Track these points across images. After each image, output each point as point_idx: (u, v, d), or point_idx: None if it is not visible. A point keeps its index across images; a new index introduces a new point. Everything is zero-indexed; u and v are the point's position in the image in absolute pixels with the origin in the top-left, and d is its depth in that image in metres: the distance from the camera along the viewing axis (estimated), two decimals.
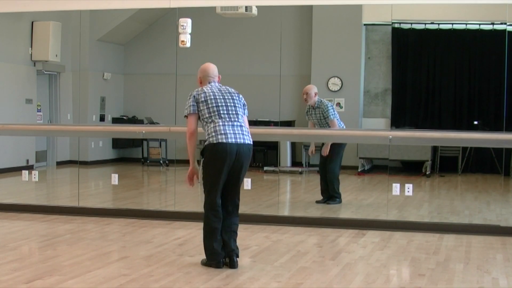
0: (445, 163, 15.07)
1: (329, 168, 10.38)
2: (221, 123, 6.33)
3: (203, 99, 6.40)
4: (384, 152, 13.46)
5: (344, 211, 10.08)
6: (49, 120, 15.37)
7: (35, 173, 10.80)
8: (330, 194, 10.40)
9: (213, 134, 6.31)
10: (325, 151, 10.31)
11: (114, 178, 10.91)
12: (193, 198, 11.33)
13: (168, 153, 16.15)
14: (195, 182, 6.57)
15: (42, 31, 14.58)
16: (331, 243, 7.77)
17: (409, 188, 9.43)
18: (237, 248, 6.44)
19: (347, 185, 13.64)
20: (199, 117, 6.46)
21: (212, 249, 6.31)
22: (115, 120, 16.78)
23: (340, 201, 10.42)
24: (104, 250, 7.14)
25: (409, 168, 14.97)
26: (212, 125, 6.35)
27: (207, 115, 6.38)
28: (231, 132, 6.33)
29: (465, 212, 10.25)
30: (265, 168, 14.81)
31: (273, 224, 8.78)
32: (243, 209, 9.52)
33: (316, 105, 10.32)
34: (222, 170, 6.29)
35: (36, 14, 14.39)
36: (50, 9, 10.65)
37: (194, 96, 6.44)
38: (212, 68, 6.65)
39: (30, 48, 14.68)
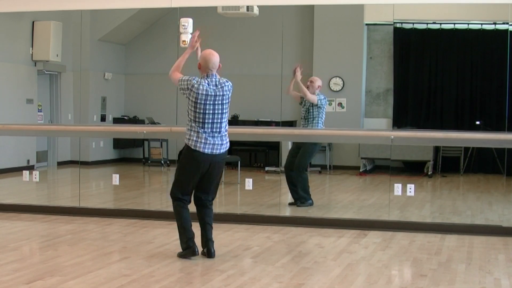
0: (447, 163, 15.05)
1: (296, 164, 10.03)
2: (203, 135, 6.59)
3: (195, 97, 6.53)
4: (386, 152, 13.45)
5: (345, 212, 10.05)
6: (50, 120, 15.36)
7: (36, 173, 10.78)
8: (299, 194, 10.06)
9: (194, 139, 6.59)
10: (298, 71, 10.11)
11: (115, 178, 10.89)
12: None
13: (169, 153, 16.14)
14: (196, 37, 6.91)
15: (43, 31, 14.58)
16: (333, 243, 7.75)
17: (411, 188, 9.40)
18: (211, 237, 6.78)
19: (349, 185, 13.64)
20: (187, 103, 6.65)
21: (185, 240, 6.67)
22: (116, 120, 16.77)
23: (311, 203, 10.09)
24: (105, 250, 7.12)
25: (411, 168, 14.96)
26: (194, 133, 6.60)
27: (192, 116, 6.61)
28: (211, 143, 6.60)
29: (467, 213, 10.23)
30: (267, 168, 14.80)
31: (274, 224, 8.76)
32: (244, 209, 9.55)
33: None
34: (194, 175, 6.66)
35: (37, 14, 14.38)
36: (51, 9, 10.62)
37: (190, 86, 6.55)
38: (214, 60, 6.66)
39: (31, 48, 14.67)
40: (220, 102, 6.61)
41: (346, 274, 6.25)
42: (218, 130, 6.64)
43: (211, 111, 6.56)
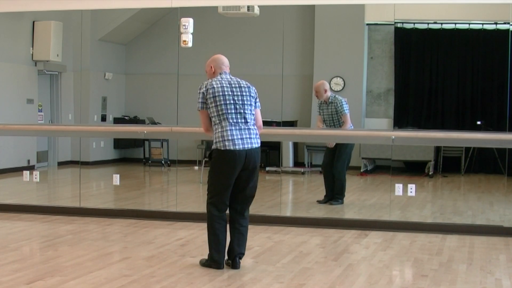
0: (448, 164, 15.04)
1: (336, 167, 10.31)
2: (228, 128, 6.19)
3: (211, 95, 6.24)
4: (386, 152, 13.44)
5: (346, 212, 10.05)
6: (50, 120, 15.35)
7: (36, 173, 10.77)
8: (335, 193, 10.31)
9: (221, 139, 6.19)
10: (331, 143, 10.27)
11: (116, 179, 10.88)
12: (195, 198, 11.33)
13: (170, 153, 16.13)
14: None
15: (43, 30, 14.57)
16: (334, 243, 7.74)
17: (411, 188, 9.38)
18: (243, 250, 6.38)
19: (350, 185, 13.58)
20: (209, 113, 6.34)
21: (213, 254, 6.29)
22: (117, 120, 16.76)
23: (342, 202, 10.37)
24: (106, 250, 7.11)
25: (411, 169, 14.94)
26: (219, 129, 6.22)
27: (215, 114, 6.25)
28: (239, 137, 6.20)
29: (468, 213, 10.22)
30: (267, 168, 14.77)
31: (275, 224, 8.76)
32: None
33: (329, 101, 10.30)
34: (230, 177, 6.22)
35: (37, 13, 14.38)
36: (51, 8, 10.61)
37: (203, 93, 6.27)
38: (224, 58, 6.52)
39: (31, 48, 14.66)
40: (238, 93, 6.32)
41: (347, 274, 6.24)
42: (244, 120, 6.25)
43: (231, 101, 6.23)
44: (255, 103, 6.47)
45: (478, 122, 15.10)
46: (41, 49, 14.62)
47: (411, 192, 9.41)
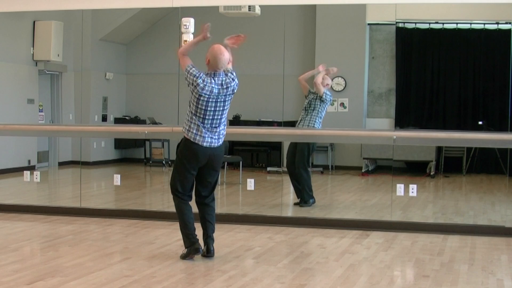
0: (450, 164, 15.03)
1: (297, 164, 10.08)
2: (202, 130, 6.59)
3: (198, 94, 6.52)
4: (388, 152, 13.43)
5: (347, 212, 10.03)
6: (51, 120, 15.34)
7: (37, 173, 10.76)
8: (303, 193, 10.08)
9: (194, 132, 6.60)
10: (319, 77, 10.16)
11: (117, 179, 10.88)
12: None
13: (171, 153, 16.11)
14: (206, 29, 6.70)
15: (44, 30, 14.56)
16: (335, 244, 7.73)
17: (413, 188, 9.36)
18: (212, 235, 6.80)
19: (351, 185, 13.61)
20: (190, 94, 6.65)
21: (187, 237, 6.67)
22: (118, 120, 16.75)
23: (314, 201, 10.16)
24: (106, 251, 7.10)
25: (413, 169, 14.93)
26: (195, 125, 6.60)
27: (193, 110, 6.60)
28: (209, 137, 6.62)
29: (469, 213, 10.20)
30: (269, 168, 14.77)
31: (276, 225, 8.74)
32: (246, 210, 9.52)
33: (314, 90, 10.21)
34: (193, 168, 6.68)
35: (38, 13, 14.37)
36: (52, 8, 10.60)
37: (195, 86, 6.53)
38: (223, 60, 6.61)
39: (32, 48, 14.66)
40: (222, 99, 6.61)
41: (348, 274, 6.22)
42: (217, 125, 6.65)
43: (212, 109, 6.57)
44: (230, 100, 6.80)
45: (480, 122, 15.08)
46: (41, 49, 14.61)
47: (412, 192, 9.39)
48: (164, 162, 16.13)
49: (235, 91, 6.72)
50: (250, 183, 9.91)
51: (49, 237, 7.90)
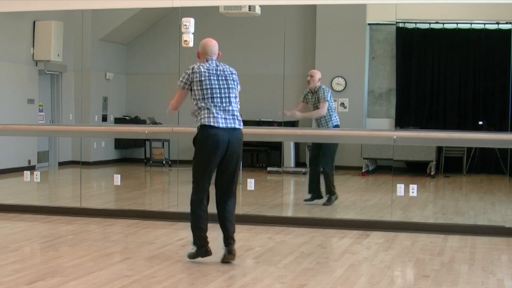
0: (450, 164, 15.03)
1: (322, 162, 10.17)
2: (213, 109, 6.36)
3: (197, 78, 6.42)
4: (388, 152, 13.42)
5: (348, 212, 10.03)
6: (51, 120, 15.35)
7: (37, 173, 10.75)
8: (327, 191, 10.22)
9: (206, 115, 6.35)
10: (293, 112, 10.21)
11: (117, 179, 10.87)
12: None
13: (171, 153, 16.12)
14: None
15: (44, 30, 14.56)
16: (335, 244, 7.73)
17: (413, 188, 9.35)
18: (232, 233, 6.52)
19: (351, 185, 13.60)
20: (191, 95, 6.52)
21: (198, 239, 6.47)
22: (118, 120, 16.75)
23: (336, 198, 10.27)
24: (107, 251, 7.10)
25: (413, 169, 14.93)
26: (205, 111, 6.37)
27: (200, 97, 6.41)
28: (223, 117, 6.37)
29: (470, 213, 10.20)
30: (269, 168, 14.77)
31: (276, 225, 8.74)
32: (246, 210, 9.51)
33: (315, 90, 10.25)
34: (213, 157, 6.37)
35: (38, 13, 14.37)
36: (52, 8, 10.61)
37: (189, 74, 6.47)
38: (212, 46, 6.62)
39: (32, 48, 14.66)
40: (223, 78, 6.48)
41: (348, 275, 6.22)
42: (227, 103, 6.42)
43: (217, 86, 6.40)
44: (237, 86, 6.63)
45: (480, 122, 15.07)
46: (42, 49, 14.61)
47: (412, 192, 9.38)
48: (164, 162, 16.12)
49: (235, 75, 6.60)
50: (250, 183, 9.90)
51: (49, 237, 7.89)
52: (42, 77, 15.18)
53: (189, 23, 9.21)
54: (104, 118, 16.51)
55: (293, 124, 14.90)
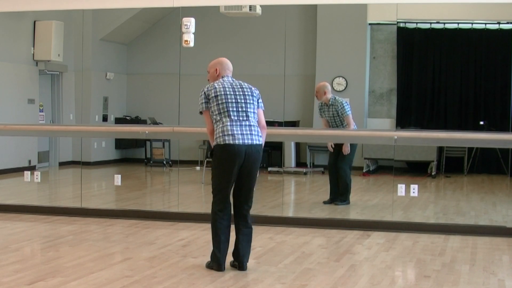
0: (451, 164, 15.01)
1: (341, 167, 10.29)
2: (228, 123, 6.19)
3: (213, 94, 6.26)
4: (389, 152, 13.41)
5: (349, 212, 10.02)
6: (51, 120, 15.34)
7: (37, 173, 10.74)
8: (340, 194, 10.29)
9: (221, 135, 6.16)
10: (345, 149, 10.22)
11: (117, 179, 10.87)
12: (196, 199, 11.31)
13: (172, 153, 16.11)
14: None
15: (44, 30, 14.55)
16: (336, 244, 7.72)
17: (414, 189, 9.35)
18: (248, 253, 6.36)
19: (352, 186, 13.57)
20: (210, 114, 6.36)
21: (215, 252, 6.27)
22: (118, 120, 16.75)
23: (348, 202, 10.34)
24: (107, 251, 7.09)
25: (414, 169, 14.92)
26: (220, 125, 6.20)
27: (216, 112, 6.24)
28: (239, 132, 6.17)
29: (471, 213, 10.19)
30: (269, 168, 14.75)
31: (277, 225, 8.73)
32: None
33: (330, 103, 10.24)
34: (231, 173, 6.19)
35: (39, 13, 14.36)
36: (53, 8, 10.59)
37: (205, 93, 6.32)
38: (229, 62, 6.54)
39: (32, 48, 14.65)
40: (240, 93, 6.33)
41: (349, 275, 6.21)
42: (244, 117, 6.24)
43: (233, 100, 6.24)
44: (258, 103, 6.45)
45: (481, 122, 15.07)
46: (42, 49, 14.60)
47: (413, 192, 9.38)
48: (164, 162, 16.12)
49: (252, 90, 6.44)
50: None
51: (49, 237, 7.89)
52: (42, 77, 15.17)
53: (189, 23, 9.20)
54: (105, 118, 16.50)
55: (294, 124, 14.91)
